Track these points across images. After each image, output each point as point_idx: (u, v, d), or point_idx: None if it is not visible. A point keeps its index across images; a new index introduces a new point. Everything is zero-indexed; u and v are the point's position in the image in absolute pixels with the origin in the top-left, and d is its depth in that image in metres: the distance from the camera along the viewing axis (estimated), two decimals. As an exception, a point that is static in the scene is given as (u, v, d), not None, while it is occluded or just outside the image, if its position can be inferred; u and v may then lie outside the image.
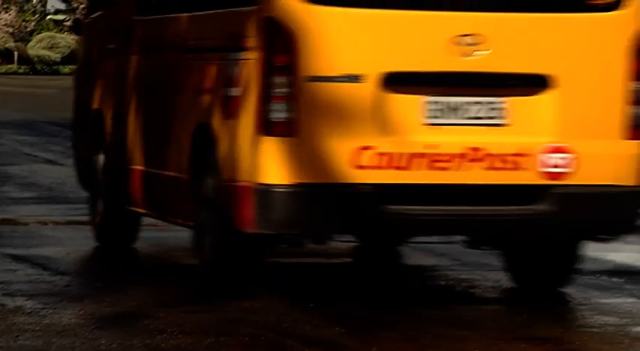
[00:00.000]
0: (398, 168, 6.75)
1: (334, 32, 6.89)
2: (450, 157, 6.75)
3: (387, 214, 6.85)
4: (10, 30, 73.77)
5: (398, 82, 6.75)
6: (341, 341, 6.28)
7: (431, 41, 6.88)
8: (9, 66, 69.47)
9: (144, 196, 8.63)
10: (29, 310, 6.97)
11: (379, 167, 6.74)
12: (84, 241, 10.13)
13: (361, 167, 6.73)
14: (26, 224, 11.35)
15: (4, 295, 7.49)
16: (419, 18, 6.94)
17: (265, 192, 6.75)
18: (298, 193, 6.78)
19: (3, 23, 70.76)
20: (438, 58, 6.82)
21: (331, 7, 6.88)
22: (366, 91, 6.72)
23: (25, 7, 79.76)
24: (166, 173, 8.11)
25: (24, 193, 14.21)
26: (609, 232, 7.39)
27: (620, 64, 6.99)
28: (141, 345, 6.08)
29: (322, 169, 6.78)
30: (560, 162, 6.81)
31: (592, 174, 7.00)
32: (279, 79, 6.70)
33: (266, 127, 6.73)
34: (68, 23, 70.71)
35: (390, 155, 6.68)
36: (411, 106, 6.82)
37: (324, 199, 6.84)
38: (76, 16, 11.36)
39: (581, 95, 6.99)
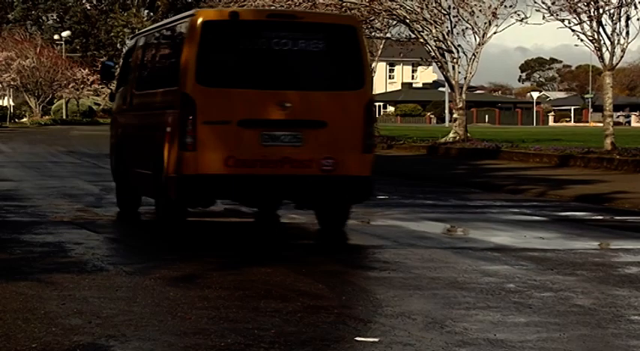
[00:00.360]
0: (247, 166, 11.03)
1: (215, 100, 11.18)
2: (274, 162, 11.10)
3: (243, 188, 11.22)
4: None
5: (247, 124, 11.06)
6: (323, 294, 7.43)
7: (265, 104, 11.24)
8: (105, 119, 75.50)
9: (135, 183, 13.11)
10: (123, 274, 8.04)
11: (238, 166, 10.97)
12: (157, 229, 11.41)
13: (228, 166, 10.95)
14: (124, 219, 12.73)
15: (108, 264, 8.55)
16: (260, 93, 11.28)
17: (182, 178, 11.00)
18: (198, 178, 10.98)
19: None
20: (268, 113, 11.17)
21: (214, 87, 11.22)
22: (231, 128, 11.01)
23: None
24: (144, 171, 12.39)
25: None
26: (358, 199, 11.87)
27: (361, 116, 11.49)
28: (196, 296, 7.06)
29: (209, 166, 10.97)
30: (329, 164, 11.22)
31: (347, 170, 11.37)
32: (188, 123, 11.00)
33: (183, 146, 10.98)
34: None
35: (243, 160, 11.00)
36: (253, 135, 11.08)
37: (210, 181, 11.04)
38: (110, 89, 15.17)
39: (341, 131, 11.36)
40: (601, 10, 25.93)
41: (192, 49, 11.29)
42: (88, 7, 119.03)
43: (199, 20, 11.44)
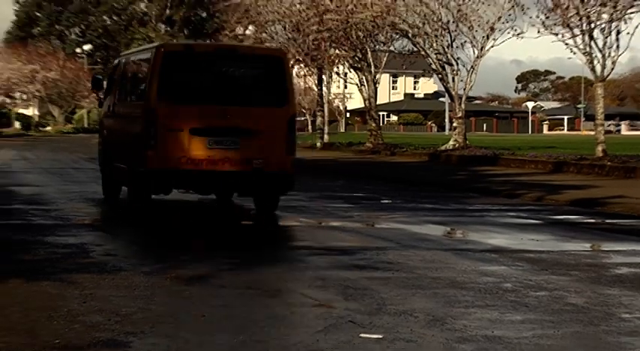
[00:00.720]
0: (196, 164, 13.31)
1: (172, 113, 13.51)
2: (217, 160, 13.37)
3: (193, 180, 13.57)
4: None
5: (197, 132, 13.36)
6: (329, 292, 7.45)
7: (211, 116, 13.57)
8: None
9: (116, 175, 15.52)
10: (142, 273, 8.04)
11: (189, 163, 13.29)
12: (175, 232, 11.43)
13: (182, 163, 13.29)
14: (142, 221, 12.62)
15: (127, 264, 8.56)
16: (207, 107, 13.66)
17: (147, 171, 13.35)
18: (159, 172, 13.34)
19: None
20: (213, 123, 13.51)
21: (171, 103, 13.55)
22: (184, 135, 13.35)
23: None
24: (121, 166, 14.87)
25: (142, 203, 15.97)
26: (282, 190, 14.00)
27: (284, 127, 13.77)
28: (210, 294, 7.11)
29: (167, 163, 13.29)
30: (259, 163, 13.52)
31: (273, 168, 13.63)
32: (151, 130, 13.38)
33: (148, 148, 13.34)
34: None
35: (193, 159, 13.30)
36: (202, 140, 13.41)
37: (168, 174, 13.36)
38: (100, 98, 17.74)
39: (269, 138, 13.65)
40: (592, 25, 25.96)
41: (156, 73, 13.79)
42: (109, 23, 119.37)
43: (162, 50, 14.06)
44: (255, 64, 14.60)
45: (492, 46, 33.37)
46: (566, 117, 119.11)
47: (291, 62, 42.31)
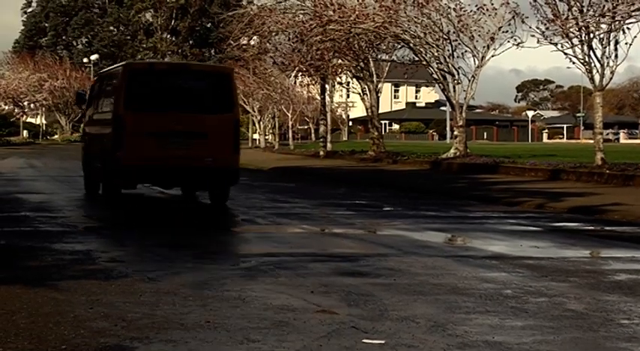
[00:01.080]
0: (157, 161, 15.72)
1: (136, 119, 15.93)
2: (174, 158, 15.71)
3: (154, 175, 16.17)
4: None
5: (157, 135, 15.78)
6: (332, 299, 7.41)
7: (168, 122, 15.97)
8: None
9: (94, 174, 18.01)
10: (147, 280, 8.03)
11: (150, 161, 15.76)
12: (180, 239, 11.30)
13: (144, 161, 15.77)
14: (146, 229, 12.47)
15: (132, 270, 8.53)
16: (165, 114, 16.12)
17: (117, 168, 15.91)
18: (125, 168, 15.81)
19: None
20: (170, 128, 15.89)
21: (136, 111, 15.96)
22: (148, 138, 15.78)
23: None
24: (98, 165, 17.35)
25: (145, 211, 15.68)
26: (230, 183, 16.43)
27: (231, 130, 16.40)
28: (211, 300, 7.08)
29: (132, 161, 15.73)
30: (209, 161, 15.95)
31: (221, 164, 16.08)
32: (119, 134, 15.91)
33: (117, 149, 15.91)
34: None
35: (154, 157, 15.72)
36: (161, 142, 15.79)
37: (133, 170, 15.84)
38: (82, 109, 23.55)
39: (217, 139, 16.16)
40: (591, 35, 25.97)
41: (123, 87, 16.29)
42: (115, 33, 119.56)
43: (128, 68, 16.97)
44: (206, 79, 17.34)
45: (493, 56, 33.40)
46: (565, 125, 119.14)
47: (295, 71, 42.40)
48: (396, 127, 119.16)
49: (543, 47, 27.61)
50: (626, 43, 25.92)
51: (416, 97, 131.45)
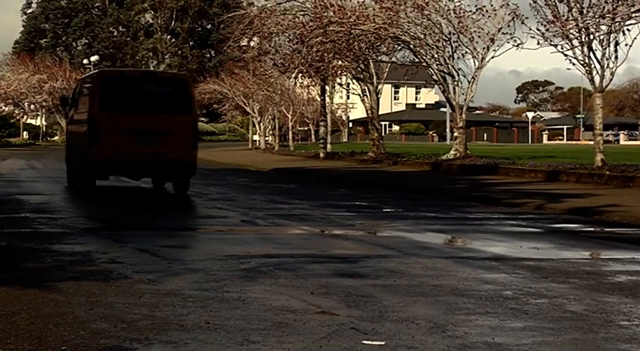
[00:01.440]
0: (127, 156, 18.18)
1: (109, 119, 18.35)
2: (142, 153, 18.26)
3: (124, 168, 18.75)
4: None
5: (127, 132, 18.19)
6: (332, 300, 7.38)
7: (137, 121, 18.44)
8: None
9: (74, 167, 20.71)
10: (147, 281, 8.00)
11: (121, 155, 18.18)
12: (180, 240, 11.34)
13: (116, 155, 18.24)
14: (146, 230, 12.54)
15: (132, 272, 8.50)
16: (134, 115, 18.60)
17: (92, 161, 18.33)
18: (100, 161, 18.30)
19: None
20: (138, 126, 18.38)
21: (108, 112, 18.41)
22: (118, 135, 18.22)
23: None
24: (77, 159, 20.04)
25: (144, 212, 15.51)
26: (189, 174, 19.08)
27: (190, 130, 19.00)
28: (211, 301, 7.07)
29: (105, 155, 18.18)
30: (172, 156, 18.34)
31: (182, 158, 18.60)
32: (94, 132, 18.39)
33: (92, 144, 18.39)
34: None
35: (124, 152, 18.17)
36: (130, 139, 18.37)
37: (106, 163, 18.35)
38: (66, 111, 24.94)
39: (179, 137, 18.65)
40: (591, 36, 25.97)
41: (97, 91, 18.95)
42: (115, 34, 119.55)
43: (101, 75, 20.00)
44: (168, 85, 20.02)
45: (492, 57, 33.40)
46: (565, 127, 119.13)
47: (295, 73, 42.38)
48: (396, 128, 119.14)
49: (543, 49, 27.65)
50: (626, 45, 25.94)
51: (416, 99, 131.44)
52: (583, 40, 25.96)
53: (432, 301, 7.37)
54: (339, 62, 40.39)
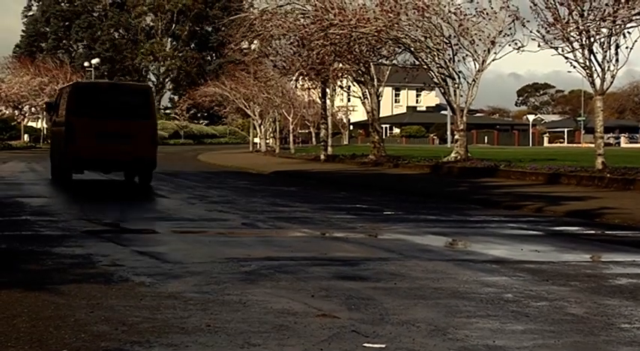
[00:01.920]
0: (98, 153, 22.07)
1: (83, 123, 22.25)
2: (110, 152, 21.99)
3: (95, 164, 22.61)
4: None
5: (97, 135, 22.01)
6: (333, 302, 7.38)
7: (106, 125, 22.24)
8: None
9: (56, 163, 24.30)
10: (147, 284, 8.01)
11: (93, 154, 22.09)
12: (181, 243, 11.40)
13: (89, 153, 22.18)
14: (147, 233, 12.62)
15: (133, 274, 8.52)
16: (103, 120, 22.38)
17: (70, 158, 22.42)
18: (76, 158, 22.33)
19: None
20: (107, 129, 22.14)
21: (82, 117, 22.31)
22: (90, 136, 22.12)
23: None
24: (57, 157, 23.89)
25: (146, 214, 15.57)
26: (151, 168, 22.92)
27: (149, 132, 22.96)
28: (211, 304, 7.07)
29: (80, 153, 22.19)
30: (136, 153, 22.11)
31: (144, 155, 22.40)
32: (71, 133, 22.33)
33: (69, 144, 22.35)
34: (173, 115, 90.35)
35: (96, 150, 22.17)
36: (101, 140, 22.04)
37: (81, 160, 22.40)
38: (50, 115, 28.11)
39: (140, 138, 22.54)
40: (592, 39, 25.96)
41: (72, 99, 22.96)
42: (116, 37, 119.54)
43: (75, 86, 24.23)
44: (133, 94, 24.13)
45: (493, 60, 33.40)
46: (566, 129, 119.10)
47: (296, 75, 42.40)
48: (396, 131, 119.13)
49: (543, 51, 27.64)
50: (626, 48, 25.93)
51: (417, 101, 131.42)
52: (584, 42, 25.96)
53: (433, 303, 7.37)
54: (340, 65, 40.42)
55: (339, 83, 46.73)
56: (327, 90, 47.70)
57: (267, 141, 67.42)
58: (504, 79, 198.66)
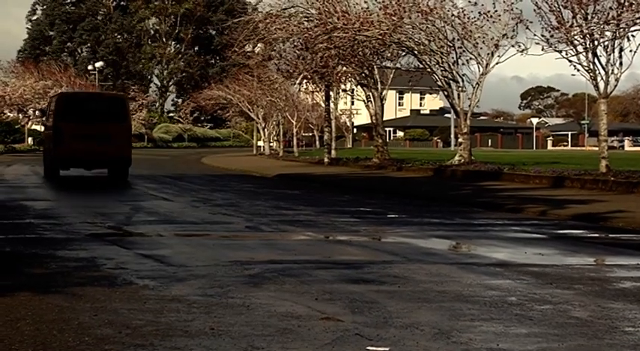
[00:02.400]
0: (80, 153, 26.05)
1: (68, 127, 26.15)
2: (92, 151, 25.79)
3: (79, 162, 26.65)
4: (143, 122, 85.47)
5: (81, 136, 25.99)
6: (337, 305, 7.41)
7: (87, 128, 26.46)
8: (141, 143, 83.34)
9: (46, 163, 28.34)
10: (151, 287, 8.02)
11: (77, 153, 26.06)
12: (185, 246, 11.39)
13: (73, 152, 26.10)
14: (151, 236, 12.51)
15: (137, 278, 8.52)
16: (85, 124, 26.29)
17: (58, 157, 26.42)
18: (63, 157, 26.36)
19: (140, 118, 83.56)
20: (88, 132, 26.08)
21: (67, 122, 26.17)
22: (75, 138, 25.94)
23: (152, 109, 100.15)
24: (47, 156, 28.28)
25: (150, 218, 15.48)
26: (127, 165, 26.94)
27: (125, 133, 27.11)
28: (215, 304, 7.09)
29: (66, 153, 26.19)
30: (113, 152, 26.16)
31: (120, 154, 26.70)
32: (59, 136, 26.21)
33: (57, 145, 26.27)
34: (176, 118, 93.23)
35: (79, 150, 25.98)
36: (83, 141, 25.97)
37: (67, 159, 26.46)
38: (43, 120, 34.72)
39: (117, 139, 26.37)
40: (596, 42, 25.95)
41: (60, 106, 26.79)
42: (119, 40, 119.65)
43: (61, 96, 28.18)
44: (110, 102, 28.41)
45: (497, 63, 33.39)
46: (570, 133, 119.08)
47: (300, 79, 42.43)
48: (400, 134, 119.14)
49: (545, 55, 27.63)
50: (630, 51, 25.92)
51: (420, 105, 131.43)
52: (587, 46, 25.95)
53: (437, 307, 7.37)
54: (344, 68, 40.44)
55: (342, 86, 46.78)
56: (331, 93, 47.73)
57: (271, 144, 67.44)
58: (506, 82, 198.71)
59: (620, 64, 25.88)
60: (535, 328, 6.63)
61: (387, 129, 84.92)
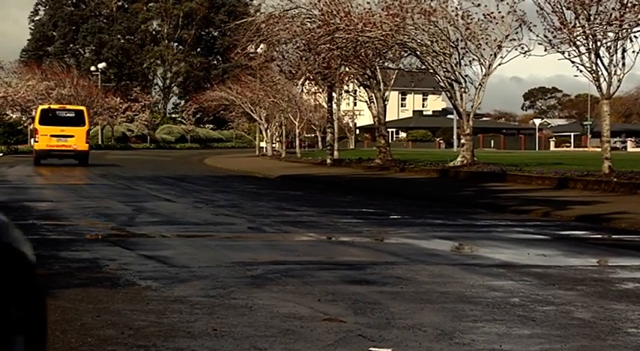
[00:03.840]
0: (52, 147, 40.69)
1: (44, 129, 41.00)
2: (61, 146, 41.69)
3: (51, 154, 41.28)
4: (146, 123, 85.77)
5: (54, 135, 41.21)
6: (340, 307, 7.44)
7: (58, 130, 41.05)
8: (144, 144, 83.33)
9: (37, 157, 41.92)
10: (154, 288, 8.02)
11: (50, 147, 40.70)
12: (187, 247, 11.38)
13: (47, 147, 40.75)
14: (154, 237, 12.52)
15: (139, 279, 8.52)
16: (56, 127, 40.92)
17: (37, 151, 41.64)
18: (40, 150, 41.15)
19: (143, 119, 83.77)
20: (59, 132, 40.89)
21: (44, 125, 41.02)
22: (47, 136, 41.01)
23: (154, 110, 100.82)
24: (34, 151, 43.20)
25: (152, 219, 15.49)
26: (86, 158, 41.02)
27: (84, 134, 41.92)
28: (218, 305, 7.08)
29: (42, 147, 40.90)
30: (76, 147, 41.87)
31: (81, 149, 40.91)
32: (36, 135, 41.71)
33: (36, 141, 41.69)
34: (179, 119, 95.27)
35: (53, 146, 40.61)
36: (55, 138, 40.85)
37: (43, 152, 40.99)
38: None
39: (79, 138, 41.05)
40: (599, 43, 25.95)
41: (38, 115, 42.01)
42: (122, 41, 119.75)
43: (41, 107, 43.79)
44: (74, 112, 42.42)
45: (500, 64, 33.41)
46: (572, 134, 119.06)
47: (302, 79, 42.43)
48: (403, 135, 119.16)
49: (546, 55, 27.64)
50: (633, 52, 25.93)
51: (423, 105, 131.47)
52: (590, 46, 25.95)
53: (439, 308, 7.37)
54: (346, 69, 40.45)
55: (345, 87, 46.79)
56: (334, 94, 47.72)
57: (274, 145, 67.44)
58: (506, 83, 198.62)
59: (623, 65, 25.89)
60: (538, 329, 6.63)
61: (390, 130, 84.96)
